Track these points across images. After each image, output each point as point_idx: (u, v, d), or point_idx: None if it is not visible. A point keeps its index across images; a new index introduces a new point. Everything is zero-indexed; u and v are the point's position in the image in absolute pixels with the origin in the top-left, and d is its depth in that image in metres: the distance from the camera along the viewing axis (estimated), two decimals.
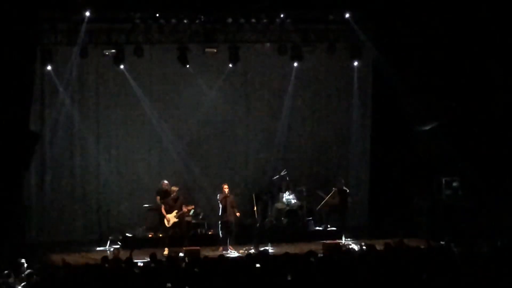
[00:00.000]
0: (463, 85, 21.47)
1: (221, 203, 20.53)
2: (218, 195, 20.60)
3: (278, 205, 22.47)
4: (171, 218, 20.22)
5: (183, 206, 20.36)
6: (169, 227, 20.27)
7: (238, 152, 23.67)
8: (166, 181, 21.24)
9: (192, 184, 22.68)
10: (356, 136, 24.03)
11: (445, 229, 20.29)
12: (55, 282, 13.04)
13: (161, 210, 20.41)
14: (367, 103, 23.92)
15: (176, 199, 20.37)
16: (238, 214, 20.59)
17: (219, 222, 20.70)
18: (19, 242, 19.64)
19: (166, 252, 19.46)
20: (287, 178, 22.74)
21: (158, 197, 21.01)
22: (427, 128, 22.32)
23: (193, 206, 21.03)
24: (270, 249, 19.06)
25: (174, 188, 20.56)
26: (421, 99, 21.83)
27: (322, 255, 16.28)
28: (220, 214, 20.62)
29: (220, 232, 20.74)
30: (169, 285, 12.75)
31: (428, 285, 12.53)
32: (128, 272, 13.94)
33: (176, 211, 20.24)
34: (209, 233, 21.65)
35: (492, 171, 21.07)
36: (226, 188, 20.53)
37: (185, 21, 21.50)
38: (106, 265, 14.79)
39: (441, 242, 16.71)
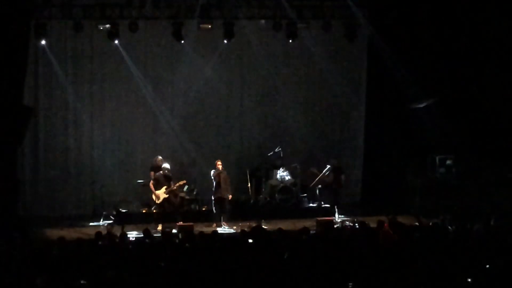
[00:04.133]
0: (458, 63, 21.43)
1: (214, 180, 20.54)
2: (212, 172, 20.61)
3: (272, 182, 22.46)
4: (161, 194, 20.18)
5: (172, 182, 20.31)
6: (159, 203, 20.25)
7: (232, 128, 23.62)
8: (160, 157, 21.21)
9: (186, 160, 22.68)
10: (350, 114, 24.01)
11: (439, 207, 20.33)
12: (48, 256, 13.05)
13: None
14: (362, 80, 23.90)
15: (167, 176, 20.33)
16: (230, 196, 20.62)
17: (213, 198, 20.73)
18: (12, 217, 19.60)
19: (159, 228, 19.48)
20: (281, 155, 22.75)
21: (152, 173, 20.97)
22: (421, 105, 22.28)
23: (184, 181, 20.93)
24: (264, 226, 19.08)
25: (166, 166, 20.51)
26: (416, 76, 21.81)
27: (315, 231, 16.34)
28: (213, 190, 20.64)
29: (214, 208, 20.77)
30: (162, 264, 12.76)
31: (422, 262, 12.57)
32: (121, 247, 13.97)
33: (165, 187, 20.20)
34: (203, 209, 21.65)
35: (486, 149, 21.08)
36: (219, 165, 20.55)
37: None
38: (100, 240, 14.81)
39: (434, 220, 16.73)
